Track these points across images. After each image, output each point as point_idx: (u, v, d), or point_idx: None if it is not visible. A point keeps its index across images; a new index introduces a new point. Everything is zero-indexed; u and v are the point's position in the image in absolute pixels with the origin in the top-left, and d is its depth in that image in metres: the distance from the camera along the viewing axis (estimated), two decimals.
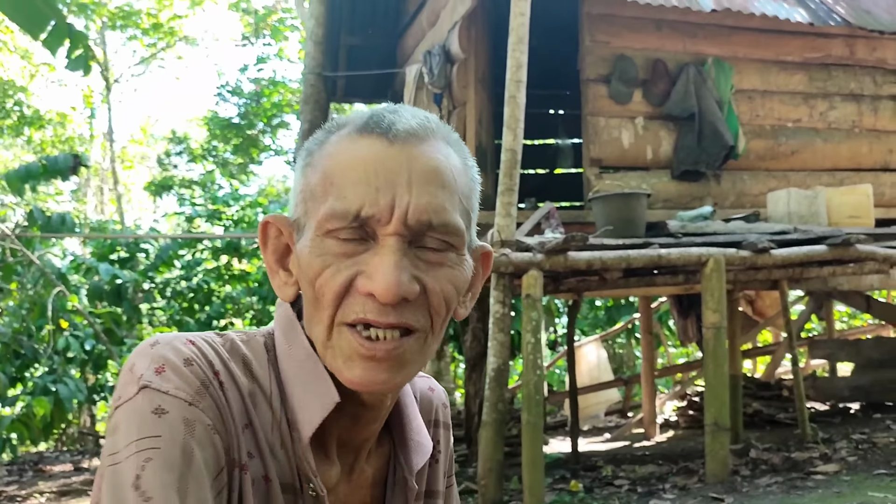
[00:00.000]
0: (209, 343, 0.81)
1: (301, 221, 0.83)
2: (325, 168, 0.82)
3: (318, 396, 0.81)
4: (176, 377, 0.76)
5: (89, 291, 8.88)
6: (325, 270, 0.79)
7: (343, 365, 0.79)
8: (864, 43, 7.26)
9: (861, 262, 5.83)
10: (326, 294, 0.79)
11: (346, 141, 0.83)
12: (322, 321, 0.80)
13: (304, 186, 0.84)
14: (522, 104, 4.82)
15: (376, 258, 0.78)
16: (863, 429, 6.73)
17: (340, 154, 0.82)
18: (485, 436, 4.71)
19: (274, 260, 0.87)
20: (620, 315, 11.35)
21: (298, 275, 0.84)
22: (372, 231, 0.78)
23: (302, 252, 0.81)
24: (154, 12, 16.65)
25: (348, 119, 0.86)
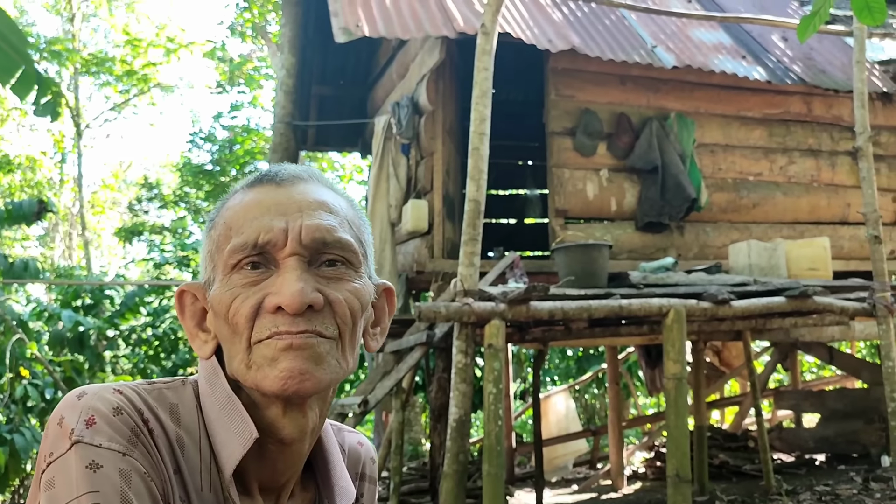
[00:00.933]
0: (136, 391, 0.83)
1: (211, 278, 0.90)
2: (225, 219, 0.89)
3: (238, 433, 0.84)
4: (107, 428, 0.78)
5: (50, 338, 8.73)
6: (234, 300, 0.85)
7: (269, 368, 0.83)
8: (821, 100, 7.48)
9: (820, 313, 5.91)
10: (240, 321, 0.84)
11: (240, 195, 0.91)
12: (240, 349, 0.85)
13: (209, 247, 0.91)
14: (486, 156, 4.88)
15: (280, 279, 0.85)
16: (827, 480, 6.75)
17: (237, 205, 0.90)
18: (446, 487, 4.65)
19: (193, 324, 0.92)
20: (590, 365, 11.36)
21: (215, 327, 0.89)
22: (273, 259, 0.86)
23: (214, 297, 0.87)
24: (128, 59, 16.73)
25: (241, 182, 0.94)
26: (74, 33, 17.67)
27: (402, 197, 6.82)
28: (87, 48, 18.05)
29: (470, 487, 5.88)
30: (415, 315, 4.76)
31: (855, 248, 7.36)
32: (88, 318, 9.02)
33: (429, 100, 6.53)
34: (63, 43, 15.48)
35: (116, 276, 11.33)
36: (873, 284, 5.68)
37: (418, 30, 6.11)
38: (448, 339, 5.25)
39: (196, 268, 11.16)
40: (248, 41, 16.21)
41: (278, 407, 0.86)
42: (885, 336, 5.56)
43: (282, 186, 0.90)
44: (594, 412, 12.33)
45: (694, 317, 5.24)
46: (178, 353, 10.27)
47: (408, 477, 7.63)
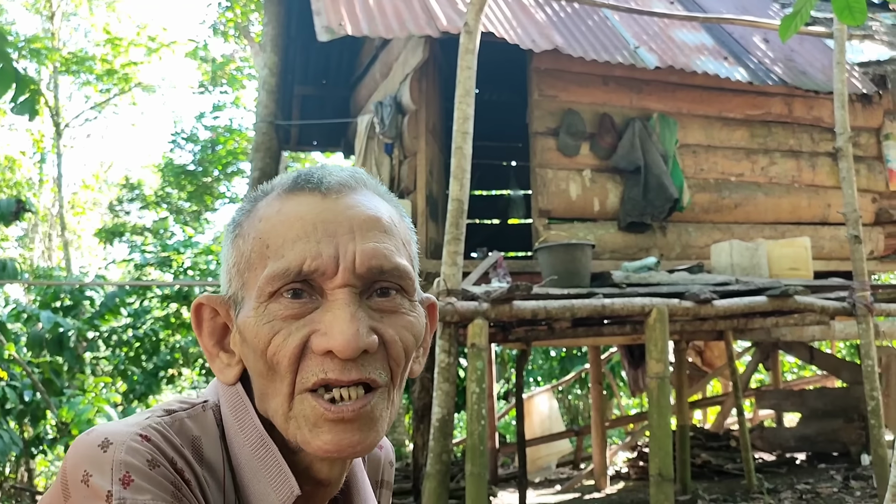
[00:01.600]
0: (161, 433, 0.73)
1: (238, 296, 0.78)
2: (259, 233, 0.77)
3: (275, 488, 0.76)
4: (148, 485, 0.69)
5: (29, 340, 8.62)
6: (274, 337, 0.74)
7: (310, 434, 0.74)
8: (802, 102, 7.54)
9: (801, 313, 5.95)
10: (281, 361, 0.74)
11: (276, 202, 0.79)
12: (280, 392, 0.75)
13: (237, 259, 0.79)
14: (469, 155, 4.87)
15: (329, 314, 0.73)
16: (807, 479, 6.80)
17: (273, 216, 0.77)
18: (428, 487, 4.63)
19: (212, 343, 0.81)
20: (573, 365, 11.39)
21: (242, 352, 0.78)
22: (319, 287, 0.75)
23: (246, 325, 0.76)
24: (109, 59, 16.59)
25: (274, 184, 0.82)
26: (54, 32, 17.50)
27: None
28: (66, 47, 17.87)
29: (453, 488, 5.87)
30: None
31: (835, 248, 7.42)
32: (68, 320, 8.93)
33: (412, 99, 6.52)
34: (42, 41, 15.33)
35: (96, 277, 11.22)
36: (853, 284, 5.73)
37: (401, 29, 6.10)
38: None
39: (178, 268, 11.09)
40: (231, 41, 16.13)
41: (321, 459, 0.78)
42: (864, 335, 5.61)
43: (328, 197, 0.77)
44: (577, 412, 12.35)
45: (676, 316, 5.27)
46: (160, 355, 10.19)
47: None
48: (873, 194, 7.71)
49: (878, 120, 7.84)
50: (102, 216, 19.32)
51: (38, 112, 6.88)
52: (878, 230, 7.70)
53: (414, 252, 0.84)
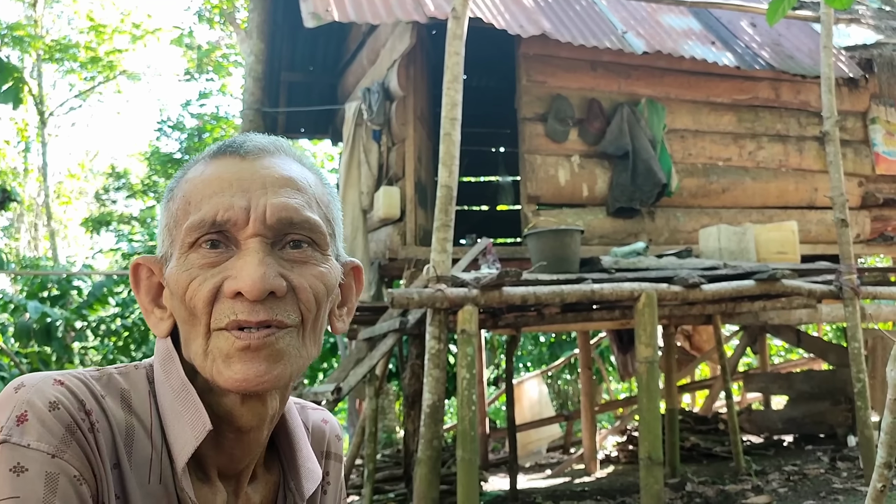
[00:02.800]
0: (82, 380, 0.79)
1: (168, 253, 0.85)
2: (184, 193, 0.84)
3: (191, 425, 0.81)
4: (39, 426, 0.73)
5: (16, 330, 8.57)
6: (191, 282, 0.80)
7: (223, 365, 0.79)
8: (789, 86, 7.56)
9: (788, 296, 5.99)
10: (197, 304, 0.80)
11: (201, 166, 0.86)
12: (198, 333, 0.80)
13: (167, 219, 0.86)
14: (457, 141, 4.86)
15: (240, 261, 0.80)
16: (795, 460, 6.86)
17: (197, 178, 0.84)
18: (420, 473, 4.65)
19: (148, 300, 0.87)
20: (563, 351, 11.43)
21: (171, 305, 0.84)
22: (234, 238, 0.81)
23: (170, 276, 0.83)
24: (93, 46, 16.42)
25: (203, 152, 0.89)
26: (37, 19, 17.29)
27: (374, 184, 6.79)
28: (50, 34, 17.67)
29: (444, 473, 5.89)
30: (388, 302, 4.74)
31: (822, 231, 7.46)
32: (55, 309, 8.89)
33: (400, 85, 6.49)
34: (25, 28, 15.14)
35: (84, 267, 11.15)
36: (840, 267, 5.77)
37: (388, 15, 6.06)
38: (421, 326, 5.24)
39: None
40: (216, 28, 15.99)
41: (236, 397, 0.83)
42: (851, 318, 5.65)
43: (246, 159, 0.84)
44: (567, 397, 12.42)
45: (665, 300, 5.29)
46: (149, 344, 10.16)
47: (382, 464, 7.64)
48: (860, 178, 7.75)
49: (865, 104, 7.88)
50: (89, 205, 19.19)
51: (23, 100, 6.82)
52: (864, 213, 7.75)
53: (334, 214, 0.89)
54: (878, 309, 7.27)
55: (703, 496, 5.74)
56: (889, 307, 7.27)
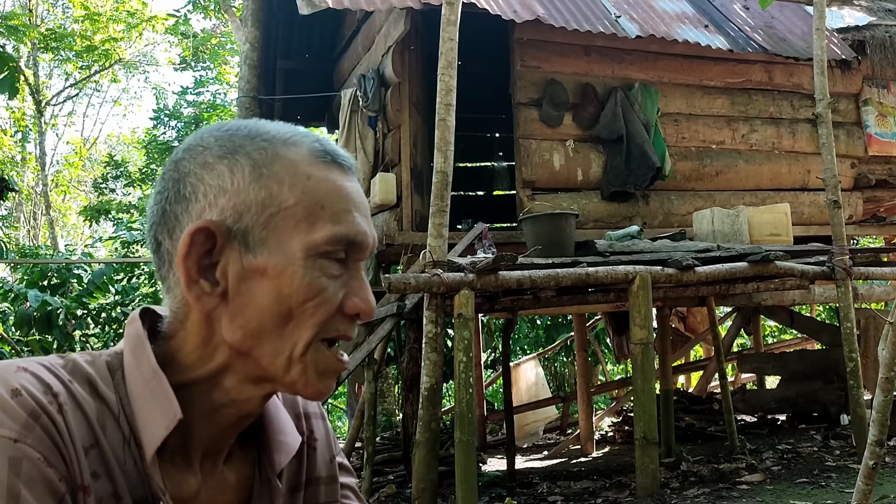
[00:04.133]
0: (47, 367, 0.78)
1: (253, 234, 0.81)
2: (310, 190, 0.82)
3: (161, 413, 0.80)
4: (7, 413, 0.73)
5: (17, 319, 8.64)
6: (322, 291, 0.81)
7: (316, 377, 0.83)
8: (782, 69, 7.60)
9: (781, 278, 6.07)
10: (318, 314, 0.81)
11: (310, 164, 0.83)
12: (296, 338, 0.81)
13: (265, 198, 0.81)
14: (452, 127, 4.91)
15: (356, 281, 0.84)
16: (788, 439, 6.96)
17: (320, 179, 0.83)
18: (418, 455, 4.74)
19: (196, 268, 0.81)
20: (559, 333, 11.52)
21: (246, 290, 0.81)
22: (346, 256, 0.83)
23: (282, 271, 0.80)
24: (88, 35, 16.39)
25: (285, 136, 0.85)
26: (31, 8, 17.25)
27: (370, 170, 6.84)
28: (45, 24, 17.63)
29: (442, 455, 5.98)
30: (385, 286, 4.81)
31: (815, 213, 7.53)
32: (56, 298, 8.95)
33: (395, 72, 6.53)
34: (20, 18, 15.10)
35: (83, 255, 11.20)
36: (832, 248, 5.84)
37: (383, 1, 6.09)
38: (418, 310, 5.31)
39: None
40: (212, 16, 15.95)
41: (260, 391, 0.84)
42: (843, 298, 5.73)
43: (349, 177, 0.86)
44: (563, 379, 12.53)
45: (659, 283, 5.36)
46: None
47: (381, 447, 7.73)
48: (852, 159, 7.81)
49: (857, 86, 7.92)
50: (87, 194, 19.21)
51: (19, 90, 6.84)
52: (856, 195, 7.81)
53: None
54: (870, 289, 7.35)
55: (698, 475, 5.84)
56: (881, 287, 7.35)
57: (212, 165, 0.82)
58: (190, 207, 0.82)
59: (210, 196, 0.81)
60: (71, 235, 20.09)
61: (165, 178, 0.85)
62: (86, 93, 19.84)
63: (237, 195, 0.81)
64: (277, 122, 0.88)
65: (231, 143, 0.83)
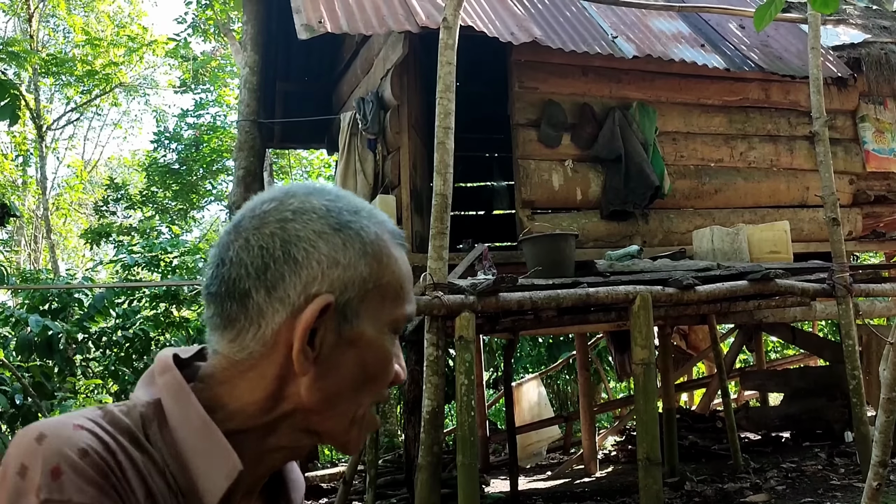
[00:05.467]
0: (96, 423, 0.78)
1: (352, 307, 0.85)
2: (397, 273, 0.90)
3: (220, 465, 0.81)
4: (75, 477, 0.72)
5: (18, 344, 8.63)
6: (390, 363, 0.89)
7: (358, 437, 0.89)
8: (779, 87, 7.64)
9: (782, 295, 6.06)
10: (385, 381, 0.89)
11: (393, 245, 0.90)
12: (363, 402, 0.88)
13: (366, 276, 0.86)
14: (451, 150, 4.93)
15: (398, 350, 0.92)
16: (793, 457, 6.93)
17: (401, 263, 0.91)
18: (420, 479, 4.72)
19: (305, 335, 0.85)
20: (561, 352, 11.49)
21: (337, 357, 0.84)
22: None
23: (373, 342, 0.87)
24: (89, 59, 16.50)
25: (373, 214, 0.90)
26: (33, 34, 17.38)
27: (370, 192, 6.86)
28: (46, 49, 17.76)
29: (445, 478, 5.95)
30: None
31: (814, 230, 7.54)
32: (56, 322, 8.94)
33: (393, 94, 6.56)
34: (21, 44, 15.22)
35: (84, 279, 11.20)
36: (832, 265, 5.84)
37: (381, 25, 6.14)
38: (419, 332, 5.30)
39: (166, 268, 11.08)
40: (211, 39, 16.07)
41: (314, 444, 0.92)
42: (844, 316, 5.73)
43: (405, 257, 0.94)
44: (566, 398, 12.48)
45: (660, 303, 5.36)
46: (150, 355, 10.20)
47: (384, 469, 7.69)
48: (850, 176, 7.83)
49: (854, 102, 7.96)
50: (88, 217, 19.25)
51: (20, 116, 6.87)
52: (855, 211, 7.83)
53: None
54: (872, 305, 7.34)
55: (702, 495, 5.81)
56: (882, 303, 7.34)
57: (328, 237, 0.85)
58: (301, 271, 0.83)
59: (324, 265, 0.84)
60: (72, 258, 20.10)
61: (268, 234, 0.84)
62: (86, 116, 19.93)
63: (347, 269, 0.85)
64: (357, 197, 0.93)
65: (341, 216, 0.87)
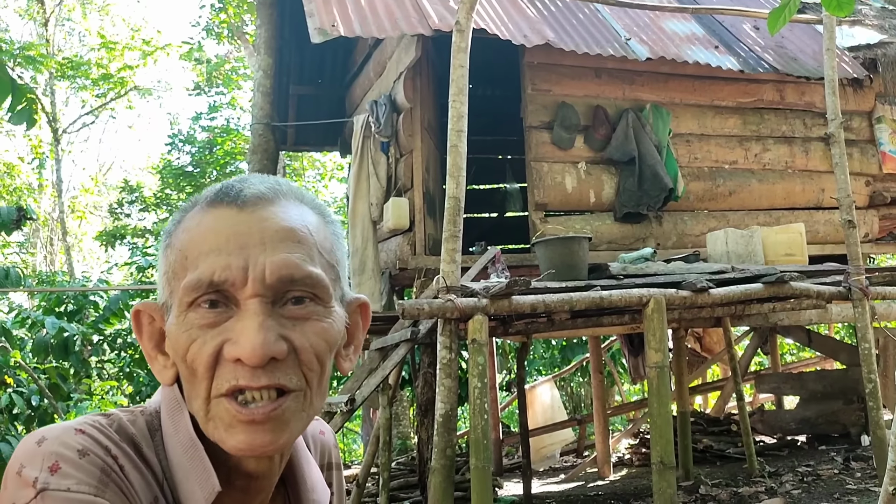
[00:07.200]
0: (98, 428, 0.78)
1: (168, 303, 0.83)
2: (181, 244, 0.82)
3: (201, 486, 0.80)
4: (74, 471, 0.73)
5: (34, 346, 8.70)
6: (192, 344, 0.78)
7: (225, 434, 0.79)
8: (793, 88, 7.59)
9: (797, 298, 6.01)
10: (198, 368, 0.78)
11: (198, 215, 0.82)
12: (199, 395, 0.79)
13: (166, 268, 0.83)
14: (464, 153, 4.92)
15: (239, 323, 0.77)
16: (808, 461, 6.88)
17: (193, 228, 0.82)
18: (434, 482, 4.71)
19: (151, 346, 0.85)
20: (574, 354, 11.47)
21: (173, 356, 0.82)
22: (233, 297, 0.78)
23: (170, 332, 0.81)
24: (104, 63, 16.63)
25: (200, 195, 0.86)
26: (49, 38, 17.53)
27: (383, 195, 6.86)
28: (61, 52, 17.90)
29: (458, 481, 5.95)
30: (399, 312, 4.81)
31: (830, 232, 7.48)
32: (72, 324, 9.00)
33: (406, 97, 6.57)
34: (37, 48, 15.36)
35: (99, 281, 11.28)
36: (848, 268, 5.79)
37: (394, 28, 6.14)
38: (432, 335, 5.30)
39: None
40: (225, 42, 16.14)
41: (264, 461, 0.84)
42: (861, 319, 5.67)
43: (244, 210, 0.80)
44: (579, 401, 12.45)
45: (674, 305, 5.32)
46: None
47: (396, 472, 7.69)
48: (867, 177, 7.77)
49: (870, 103, 7.89)
50: (103, 220, 19.38)
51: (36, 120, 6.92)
52: (872, 213, 7.76)
53: (337, 257, 0.86)
54: (889, 308, 7.27)
55: (717, 499, 5.78)
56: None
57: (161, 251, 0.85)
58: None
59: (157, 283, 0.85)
60: (87, 260, 20.24)
61: None
62: (101, 119, 20.07)
63: (159, 273, 0.84)
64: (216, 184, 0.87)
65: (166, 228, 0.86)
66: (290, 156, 16.14)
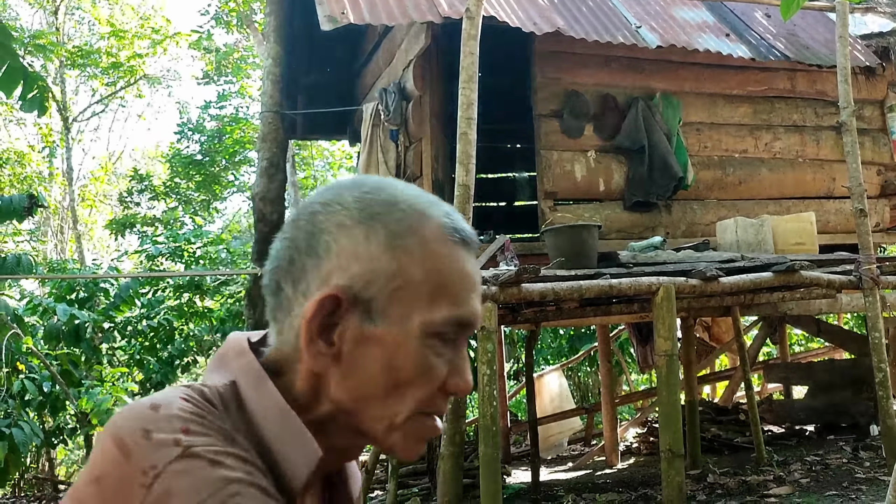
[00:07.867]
0: (191, 398, 0.79)
1: (376, 302, 0.82)
2: (438, 268, 0.83)
3: (301, 452, 0.81)
4: (205, 430, 0.75)
5: (46, 333, 8.77)
6: (430, 370, 0.83)
7: (412, 442, 0.85)
8: (805, 76, 7.54)
9: (807, 287, 6.00)
10: (422, 391, 0.83)
11: (440, 241, 0.84)
12: (397, 408, 0.83)
13: (395, 271, 0.82)
14: (474, 141, 4.93)
15: (460, 360, 0.86)
16: (817, 450, 6.87)
17: (447, 259, 0.84)
18: (443, 469, 4.74)
19: (316, 329, 0.82)
20: (582, 343, 11.47)
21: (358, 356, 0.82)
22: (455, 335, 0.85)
23: (394, 342, 0.82)
24: (114, 51, 16.66)
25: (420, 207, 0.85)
26: (59, 26, 17.57)
27: None
28: (71, 41, 17.95)
29: (467, 467, 5.98)
30: None
31: (841, 221, 7.45)
32: (83, 311, 9.07)
33: (416, 85, 6.57)
34: (47, 36, 15.39)
35: (109, 269, 11.35)
36: (859, 257, 5.77)
37: (403, 16, 6.13)
38: None
39: (189, 258, 11.20)
40: (234, 30, 16.14)
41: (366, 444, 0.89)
42: (871, 308, 5.66)
43: (471, 257, 0.86)
44: (587, 390, 12.47)
45: (683, 294, 5.33)
46: (174, 344, 10.33)
47: None
48: (878, 166, 7.73)
49: (883, 92, 7.84)
50: (112, 208, 19.47)
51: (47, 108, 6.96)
52: (883, 202, 7.73)
53: None
54: None
55: (725, 487, 5.79)
56: None
57: (349, 228, 0.82)
58: (320, 264, 0.83)
59: (342, 258, 0.82)
60: (97, 248, 20.35)
61: (298, 227, 0.85)
62: (111, 108, 20.12)
63: (369, 263, 0.82)
64: (412, 188, 0.87)
65: (370, 209, 0.83)
66: (299, 144, 16.16)
